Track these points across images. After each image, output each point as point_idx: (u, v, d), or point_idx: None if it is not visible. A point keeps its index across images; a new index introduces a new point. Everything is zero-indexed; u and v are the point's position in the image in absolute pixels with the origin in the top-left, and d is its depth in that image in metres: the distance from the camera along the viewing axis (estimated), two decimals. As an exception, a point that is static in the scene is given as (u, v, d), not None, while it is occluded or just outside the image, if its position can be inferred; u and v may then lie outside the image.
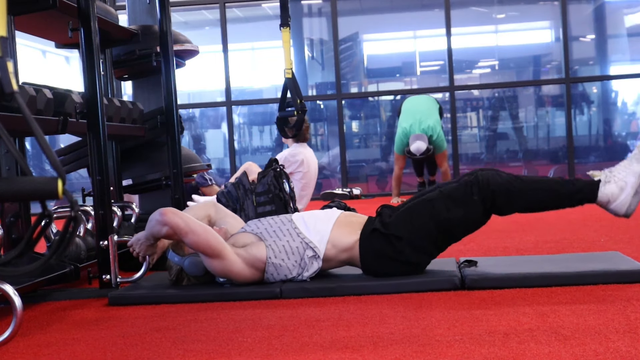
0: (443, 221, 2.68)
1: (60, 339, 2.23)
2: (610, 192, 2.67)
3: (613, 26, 10.73)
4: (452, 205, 2.68)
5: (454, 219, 2.67)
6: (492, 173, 2.70)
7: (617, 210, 2.69)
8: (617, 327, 1.93)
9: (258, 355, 1.89)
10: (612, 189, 2.68)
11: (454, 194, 2.69)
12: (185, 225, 2.67)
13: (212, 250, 2.68)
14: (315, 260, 2.74)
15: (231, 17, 9.98)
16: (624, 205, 2.68)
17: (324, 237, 2.74)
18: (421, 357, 1.78)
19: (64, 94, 2.87)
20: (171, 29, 3.70)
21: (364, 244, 2.73)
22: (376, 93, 11.13)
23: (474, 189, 2.67)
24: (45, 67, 12.60)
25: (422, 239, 2.69)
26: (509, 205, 2.69)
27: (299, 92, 4.36)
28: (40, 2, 2.83)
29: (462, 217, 2.67)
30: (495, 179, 2.67)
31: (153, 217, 2.74)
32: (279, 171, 3.84)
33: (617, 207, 2.69)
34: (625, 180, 2.68)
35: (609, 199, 2.68)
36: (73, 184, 9.68)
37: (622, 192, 2.67)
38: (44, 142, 1.38)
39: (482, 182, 2.66)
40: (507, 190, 2.66)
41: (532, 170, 9.88)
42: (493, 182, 2.66)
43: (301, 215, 2.86)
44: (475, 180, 2.68)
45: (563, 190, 2.69)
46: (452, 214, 2.67)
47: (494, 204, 2.67)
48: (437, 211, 2.68)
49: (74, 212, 1.46)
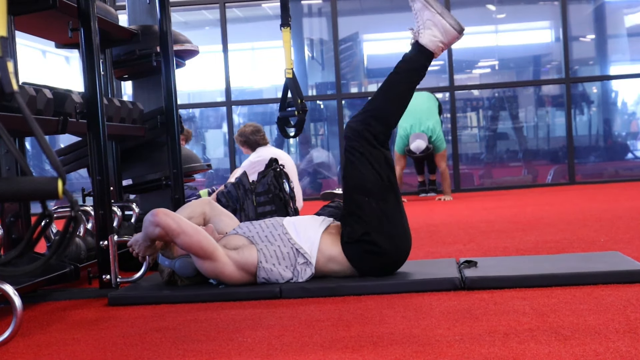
0: (370, 187, 2.72)
1: (60, 339, 2.23)
2: (431, 35, 2.76)
3: (613, 26, 10.73)
4: (359, 172, 2.73)
5: (370, 176, 2.71)
6: (350, 121, 2.80)
7: (451, 37, 2.77)
8: (617, 327, 1.93)
9: (258, 355, 1.89)
10: (428, 33, 2.76)
11: (351, 164, 2.76)
12: (177, 226, 2.67)
13: (204, 252, 2.68)
14: (308, 267, 2.74)
15: (231, 17, 9.98)
16: (449, 29, 2.76)
17: (314, 245, 2.75)
18: (421, 357, 1.78)
19: (64, 94, 2.87)
20: (171, 29, 3.69)
21: (349, 254, 2.75)
22: (376, 93, 11.12)
23: (354, 145, 2.74)
24: (45, 67, 12.60)
25: (377, 217, 2.71)
26: (384, 124, 2.77)
27: (299, 92, 4.35)
28: (40, 2, 2.83)
29: (372, 170, 2.72)
30: (355, 122, 2.78)
31: (146, 218, 2.75)
32: (279, 171, 3.84)
33: (448, 37, 2.77)
34: (425, 19, 2.76)
35: (436, 40, 2.76)
36: (73, 184, 9.68)
37: (436, 26, 2.75)
38: (44, 142, 1.38)
39: (352, 134, 2.75)
40: (371, 117, 2.75)
41: (532, 170, 9.88)
42: (356, 125, 2.76)
43: (292, 220, 2.86)
44: (347, 139, 2.77)
45: (405, 73, 2.78)
46: (366, 175, 2.72)
47: (376, 136, 2.74)
48: (358, 185, 2.73)
49: (74, 212, 1.46)
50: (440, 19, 2.75)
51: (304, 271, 2.73)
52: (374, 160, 2.72)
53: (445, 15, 2.76)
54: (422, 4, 2.78)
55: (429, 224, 5.08)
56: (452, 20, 2.77)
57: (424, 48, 2.77)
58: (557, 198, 6.99)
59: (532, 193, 7.97)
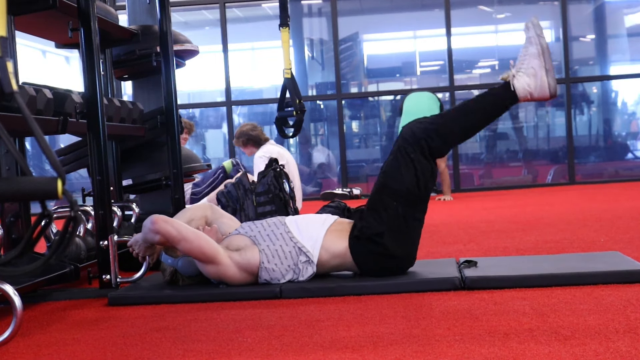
0: (405, 194, 2.70)
1: (60, 339, 2.23)
2: (526, 83, 2.72)
3: (613, 26, 10.73)
4: (400, 176, 2.71)
5: (409, 183, 2.70)
6: (413, 124, 2.76)
7: (542, 94, 2.73)
8: (617, 327, 1.93)
9: (258, 355, 1.89)
10: (525, 80, 2.72)
11: (395, 165, 2.73)
12: (177, 232, 2.67)
13: (206, 256, 2.68)
14: (310, 265, 2.74)
15: (231, 17, 9.98)
16: (544, 88, 2.71)
17: (317, 243, 2.75)
18: (421, 357, 1.78)
19: (64, 94, 2.87)
20: (171, 29, 3.69)
21: (355, 251, 2.74)
22: (376, 93, 11.13)
23: (407, 148, 2.71)
24: (45, 67, 12.61)
25: (398, 223, 2.70)
26: (444, 143, 2.74)
27: (298, 92, 4.36)
28: (40, 2, 2.83)
29: (414, 177, 2.70)
30: (418, 128, 2.73)
31: (145, 224, 2.74)
32: (279, 171, 3.84)
33: (540, 93, 2.73)
34: (531, 66, 2.72)
35: (529, 90, 2.72)
36: (73, 184, 9.68)
37: (535, 78, 2.71)
38: (44, 142, 1.38)
39: (410, 137, 2.72)
40: (434, 131, 2.72)
41: (532, 170, 9.88)
42: (418, 131, 2.73)
43: (294, 219, 2.86)
44: (403, 140, 2.73)
45: (484, 105, 2.76)
46: (405, 180, 2.70)
47: (431, 149, 2.72)
48: (393, 189, 2.71)
49: (74, 212, 1.46)
50: (544, 75, 2.71)
51: (306, 269, 2.73)
52: (420, 169, 2.70)
53: (550, 74, 2.71)
54: (538, 52, 2.73)
55: (429, 224, 5.07)
56: (553, 82, 2.72)
57: (513, 91, 2.72)
58: (557, 198, 6.99)
59: (532, 193, 7.97)
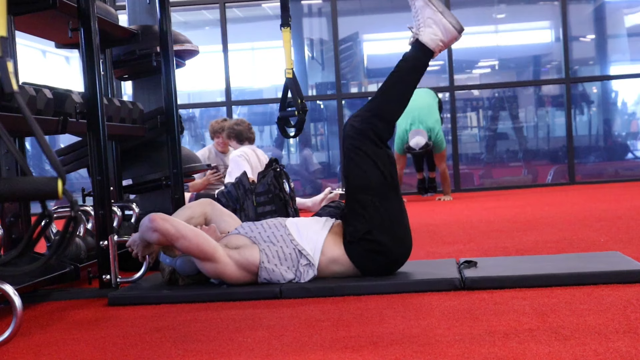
0: (374, 186, 2.71)
1: (60, 339, 2.23)
2: (431, 34, 2.76)
3: (613, 26, 10.73)
4: (363, 172, 2.72)
5: (374, 176, 2.71)
6: (351, 120, 2.79)
7: (451, 36, 2.78)
8: (617, 327, 1.93)
9: (258, 355, 1.89)
10: (428, 31, 2.76)
11: (353, 165, 2.74)
12: (176, 230, 2.67)
13: (205, 254, 2.68)
14: (310, 268, 2.74)
15: (231, 17, 9.98)
16: (449, 28, 2.76)
17: (317, 246, 2.75)
18: (421, 357, 1.78)
19: (64, 94, 2.87)
20: (171, 29, 3.69)
21: (351, 254, 2.74)
22: (376, 93, 11.12)
23: (356, 144, 2.73)
24: (45, 67, 12.60)
25: (379, 215, 2.71)
26: (387, 122, 2.77)
27: (299, 92, 4.35)
28: (40, 2, 2.83)
29: (376, 170, 2.71)
30: (357, 121, 2.75)
31: (143, 222, 2.73)
32: (279, 171, 3.84)
33: (449, 35, 2.77)
34: (426, 17, 2.76)
35: (437, 38, 2.76)
36: (73, 184, 9.68)
37: (437, 24, 2.75)
38: (44, 142, 1.38)
39: (354, 134, 2.74)
40: (374, 116, 2.74)
41: (532, 170, 9.88)
42: (358, 124, 2.75)
43: (295, 221, 2.86)
44: (349, 138, 2.75)
45: (406, 72, 2.79)
46: (370, 175, 2.71)
47: (379, 134, 2.74)
48: (362, 186, 2.72)
49: (74, 212, 1.46)
50: (441, 18, 2.76)
51: (307, 272, 2.73)
52: (378, 159, 2.72)
53: (446, 14, 2.77)
54: (424, 2, 2.78)
55: (429, 224, 5.08)
56: (452, 19, 2.78)
57: (424, 46, 2.77)
58: (557, 198, 6.99)
59: (532, 193, 7.97)
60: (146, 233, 2.72)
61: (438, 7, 2.77)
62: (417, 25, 2.80)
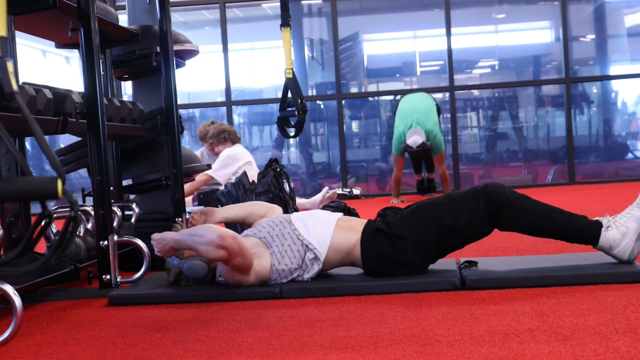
0: (447, 226, 2.68)
1: (60, 339, 2.23)
2: (612, 237, 2.67)
3: (613, 26, 10.73)
4: (457, 212, 2.68)
5: (458, 225, 2.68)
6: (503, 187, 2.72)
7: (619, 255, 2.68)
8: (617, 327, 1.93)
9: (258, 355, 1.90)
10: (614, 234, 2.67)
11: (461, 201, 2.70)
12: (239, 249, 2.61)
13: (247, 269, 2.68)
14: (316, 262, 2.74)
15: (231, 17, 9.98)
16: (627, 251, 2.67)
17: (324, 240, 2.75)
18: (421, 357, 1.78)
19: (64, 94, 2.87)
20: (171, 29, 3.69)
21: (366, 245, 2.73)
22: (376, 93, 11.13)
23: (482, 197, 2.67)
24: (45, 67, 12.60)
25: (425, 241, 2.69)
26: (512, 221, 2.69)
27: (299, 92, 4.36)
28: (40, 2, 2.83)
29: (466, 224, 2.67)
30: (504, 192, 2.69)
31: (206, 235, 2.61)
32: (279, 171, 3.84)
33: (619, 253, 2.68)
34: (627, 225, 2.68)
35: (611, 244, 2.68)
36: (73, 184, 9.68)
37: (625, 238, 2.67)
38: (44, 142, 1.38)
39: (492, 192, 2.67)
40: (514, 206, 2.67)
41: (532, 170, 9.88)
42: (502, 194, 2.68)
43: (300, 216, 2.85)
44: (485, 190, 2.69)
45: (568, 225, 2.70)
46: (457, 220, 2.67)
47: (498, 216, 2.67)
48: (443, 216, 2.69)
49: (74, 212, 1.46)
50: (633, 240, 2.66)
51: (312, 266, 2.73)
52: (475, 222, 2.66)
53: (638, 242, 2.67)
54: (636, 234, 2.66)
55: (429, 224, 5.07)
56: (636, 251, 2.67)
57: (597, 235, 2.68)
58: (557, 198, 6.99)
59: (532, 193, 7.95)
60: (207, 246, 2.60)
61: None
62: (613, 222, 2.69)
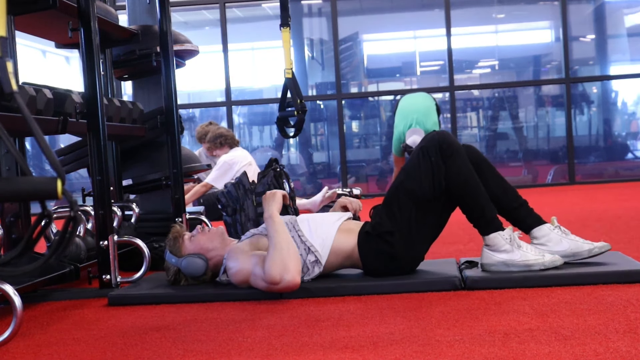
0: (420, 197, 2.69)
1: (60, 339, 2.23)
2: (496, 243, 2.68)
3: (613, 26, 10.73)
4: (418, 175, 2.70)
5: (427, 185, 2.68)
6: (445, 132, 2.76)
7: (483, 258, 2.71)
8: (617, 327, 1.93)
9: (258, 355, 1.89)
10: (500, 242, 2.68)
11: (416, 165, 2.72)
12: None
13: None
14: (317, 265, 2.74)
15: (231, 17, 9.98)
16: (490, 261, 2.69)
17: (326, 242, 2.75)
18: (421, 357, 1.78)
19: (64, 94, 2.87)
20: (171, 29, 3.69)
21: (362, 247, 2.74)
22: (376, 93, 11.13)
23: (431, 150, 2.69)
24: (45, 67, 12.61)
25: (412, 224, 2.70)
26: (450, 158, 2.68)
27: (299, 92, 4.35)
28: (40, 2, 2.82)
29: (431, 180, 2.68)
30: (449, 135, 2.72)
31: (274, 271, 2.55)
32: (279, 171, 3.84)
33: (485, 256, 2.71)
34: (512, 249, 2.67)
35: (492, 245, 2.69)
36: (73, 184, 9.69)
37: (500, 253, 2.68)
38: (44, 142, 1.38)
39: (437, 139, 2.70)
40: (449, 144, 2.69)
41: (532, 170, 9.88)
42: (448, 136, 2.72)
43: (307, 217, 2.86)
44: (427, 141, 2.72)
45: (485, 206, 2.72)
46: (423, 183, 2.69)
47: (452, 159, 2.68)
48: (411, 189, 2.70)
49: (74, 212, 1.46)
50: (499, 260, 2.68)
51: (313, 269, 2.74)
52: (438, 173, 2.68)
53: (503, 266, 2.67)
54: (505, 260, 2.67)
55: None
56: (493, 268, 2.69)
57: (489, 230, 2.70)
58: (557, 198, 6.99)
59: (532, 193, 7.96)
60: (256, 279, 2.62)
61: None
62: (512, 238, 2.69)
